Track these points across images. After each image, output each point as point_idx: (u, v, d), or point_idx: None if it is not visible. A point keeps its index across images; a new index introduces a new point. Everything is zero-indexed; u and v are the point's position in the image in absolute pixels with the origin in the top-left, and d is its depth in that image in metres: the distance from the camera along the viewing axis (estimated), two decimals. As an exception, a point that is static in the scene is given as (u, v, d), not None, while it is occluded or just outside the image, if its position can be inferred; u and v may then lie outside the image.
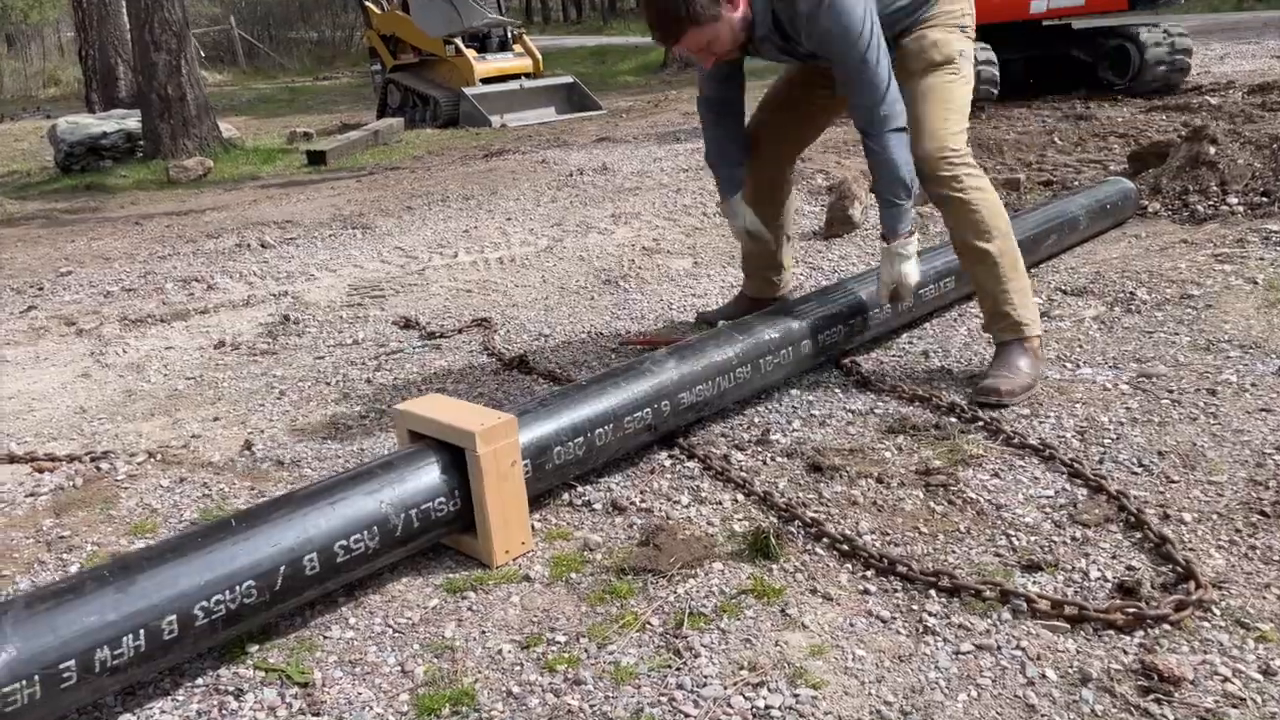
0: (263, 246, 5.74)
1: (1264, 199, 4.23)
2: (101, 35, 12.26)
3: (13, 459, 2.87)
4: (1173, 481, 2.19)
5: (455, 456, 2.06)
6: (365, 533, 1.91)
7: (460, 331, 3.78)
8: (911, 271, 2.79)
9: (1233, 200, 4.29)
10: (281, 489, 2.56)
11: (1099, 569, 1.89)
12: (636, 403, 2.39)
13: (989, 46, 7.62)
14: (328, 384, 3.36)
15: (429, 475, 2.03)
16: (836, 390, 2.87)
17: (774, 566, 1.98)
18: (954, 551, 2.00)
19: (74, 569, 2.23)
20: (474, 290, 4.39)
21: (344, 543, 1.88)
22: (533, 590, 1.99)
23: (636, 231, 5.13)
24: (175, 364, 3.72)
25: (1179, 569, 1.86)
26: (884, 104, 2.61)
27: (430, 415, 2.11)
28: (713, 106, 3.08)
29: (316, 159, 10.04)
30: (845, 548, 2.02)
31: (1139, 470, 2.26)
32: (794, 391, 2.87)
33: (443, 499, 2.03)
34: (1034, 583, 1.87)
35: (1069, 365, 2.89)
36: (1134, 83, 7.86)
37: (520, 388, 3.12)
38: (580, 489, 2.38)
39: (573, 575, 2.02)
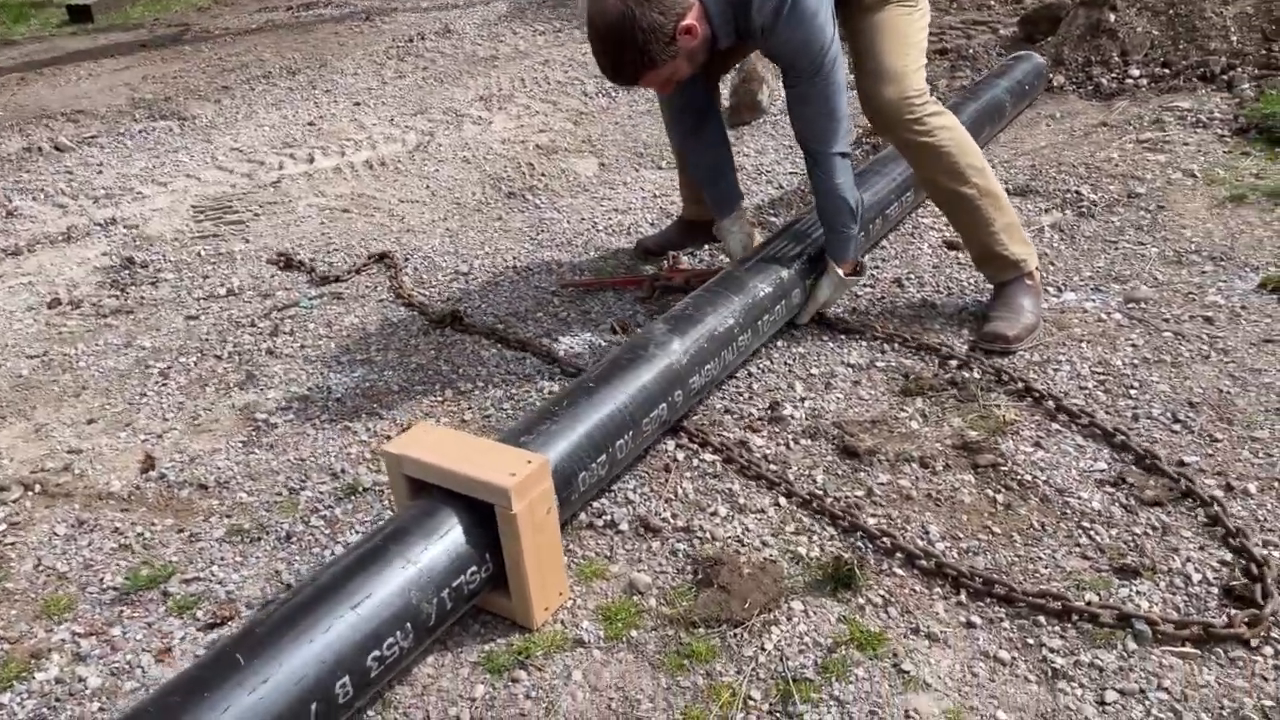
0: (58, 150, 4.84)
1: (1165, 70, 4.19)
2: None
3: None
4: (1216, 440, 2.12)
5: (479, 512, 1.71)
6: (399, 633, 1.56)
7: (358, 272, 3.27)
8: (840, 297, 2.67)
9: (1135, 72, 4.22)
10: (218, 525, 2.12)
11: (1195, 567, 1.79)
12: (651, 398, 2.07)
13: None
14: (218, 356, 2.83)
15: (453, 542, 1.67)
16: (824, 339, 2.63)
17: (860, 601, 1.77)
18: (1039, 558, 1.85)
19: (-17, 682, 1.76)
20: (351, 209, 3.82)
21: (377, 653, 1.53)
22: (593, 660, 1.71)
23: (517, 120, 4.60)
24: (6, 337, 3.05)
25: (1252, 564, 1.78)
26: (835, 121, 2.39)
27: (439, 462, 1.72)
28: (683, 118, 2.70)
29: (80, 15, 8.62)
30: (927, 564, 1.83)
31: (1177, 427, 2.17)
32: (780, 343, 2.62)
33: (474, 568, 1.69)
34: (1138, 592, 1.75)
35: (1050, 290, 2.76)
36: None
37: (462, 353, 2.72)
38: (595, 503, 2.08)
39: (633, 633, 1.75)
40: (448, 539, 1.67)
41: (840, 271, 2.56)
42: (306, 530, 2.08)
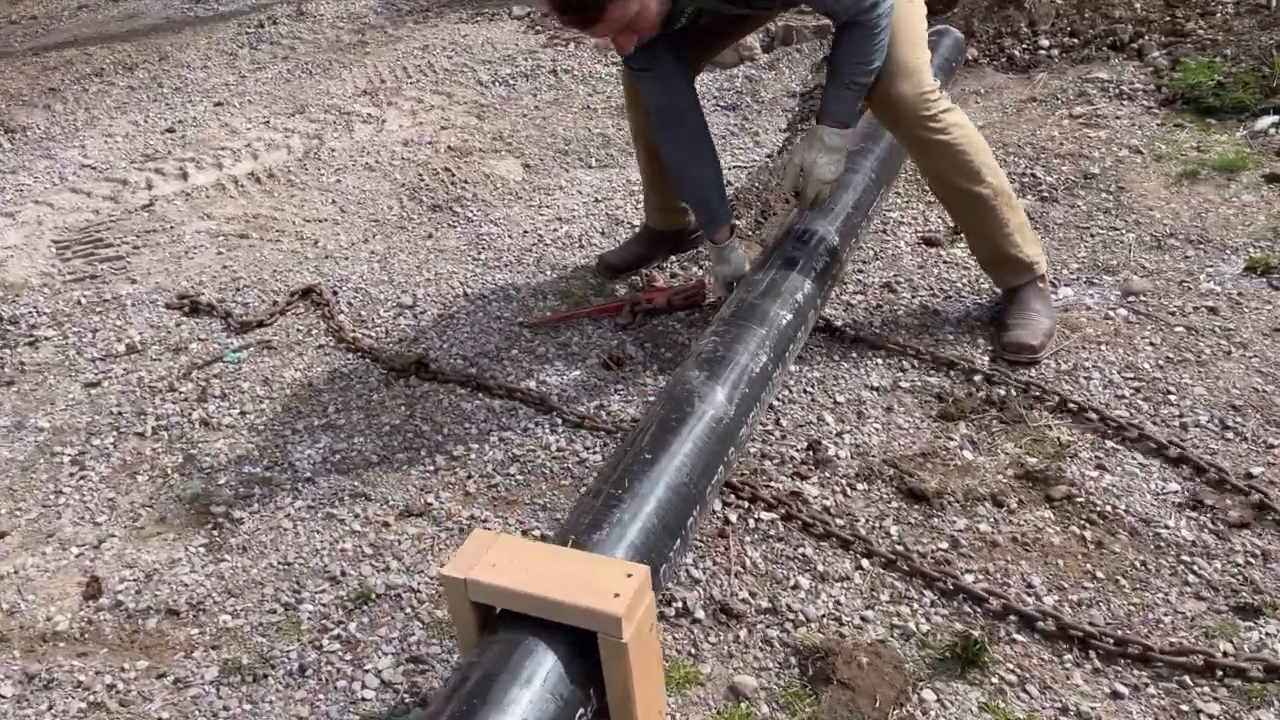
0: None
1: (1073, 39, 4.20)
2: None
3: None
4: (1272, 447, 2.06)
5: (577, 640, 1.44)
6: (521, 815, 1.29)
7: (282, 313, 2.86)
8: (829, 167, 2.31)
9: (1045, 42, 4.22)
10: (207, 662, 1.76)
11: (1311, 598, 1.72)
12: (710, 463, 1.83)
13: None
14: (140, 434, 2.40)
15: (557, 685, 1.40)
16: (835, 358, 2.46)
17: (994, 681, 1.61)
18: (1155, 604, 1.74)
19: None
20: (250, 234, 3.37)
21: (504, 847, 1.25)
22: (721, 792, 1.48)
23: (414, 117, 4.19)
24: None
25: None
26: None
27: (523, 587, 1.44)
28: (672, 122, 2.43)
29: None
30: (1047, 626, 1.69)
31: (1230, 435, 2.10)
32: (791, 368, 2.42)
33: (582, 710, 1.43)
34: (1268, 634, 1.66)
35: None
36: None
37: (440, 407, 2.39)
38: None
39: (757, 752, 1.54)
40: (550, 682, 1.40)
41: (831, 128, 2.28)
42: (322, 658, 1.75)
